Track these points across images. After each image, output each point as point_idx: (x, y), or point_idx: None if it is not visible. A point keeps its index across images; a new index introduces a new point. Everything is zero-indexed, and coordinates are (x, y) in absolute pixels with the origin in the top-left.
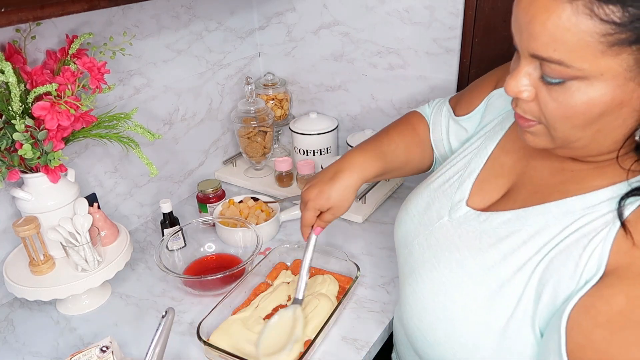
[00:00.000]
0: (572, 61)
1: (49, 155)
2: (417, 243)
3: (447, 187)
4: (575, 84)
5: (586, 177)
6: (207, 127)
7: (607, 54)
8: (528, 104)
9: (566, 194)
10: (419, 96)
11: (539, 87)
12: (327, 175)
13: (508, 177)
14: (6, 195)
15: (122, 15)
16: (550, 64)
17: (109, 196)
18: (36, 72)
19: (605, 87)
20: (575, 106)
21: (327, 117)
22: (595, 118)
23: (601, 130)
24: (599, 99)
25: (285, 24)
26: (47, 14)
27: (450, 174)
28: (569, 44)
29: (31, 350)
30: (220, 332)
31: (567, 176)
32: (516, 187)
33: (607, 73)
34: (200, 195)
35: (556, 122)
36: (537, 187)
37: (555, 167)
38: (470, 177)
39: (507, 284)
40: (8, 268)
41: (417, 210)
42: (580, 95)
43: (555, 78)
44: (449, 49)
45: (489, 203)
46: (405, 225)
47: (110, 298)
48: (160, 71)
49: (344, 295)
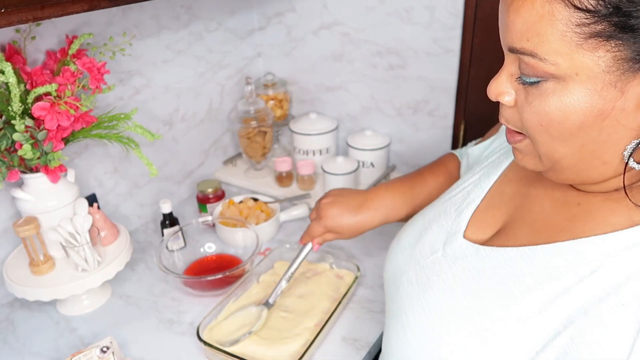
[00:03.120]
0: (545, 53)
1: (49, 155)
2: (405, 280)
3: (444, 218)
4: (550, 85)
5: (597, 213)
6: (207, 127)
7: (582, 48)
8: (510, 112)
9: (577, 233)
10: (419, 96)
11: (519, 91)
12: (352, 203)
13: (506, 208)
14: (6, 195)
15: (122, 16)
16: (524, 57)
17: (109, 196)
18: (36, 73)
19: (582, 90)
20: (549, 112)
21: (327, 117)
22: (573, 129)
23: (585, 146)
24: (575, 105)
25: (285, 24)
26: (47, 14)
27: (448, 205)
28: (543, 33)
29: (31, 351)
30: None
31: (573, 211)
32: (515, 221)
33: (582, 72)
34: (200, 196)
35: (534, 132)
36: (540, 223)
37: (558, 199)
38: (469, 207)
39: (508, 338)
40: (8, 268)
41: (409, 241)
42: (554, 99)
43: (530, 76)
44: (449, 49)
45: (487, 236)
46: (395, 258)
47: (111, 298)
48: (160, 71)
49: (344, 295)
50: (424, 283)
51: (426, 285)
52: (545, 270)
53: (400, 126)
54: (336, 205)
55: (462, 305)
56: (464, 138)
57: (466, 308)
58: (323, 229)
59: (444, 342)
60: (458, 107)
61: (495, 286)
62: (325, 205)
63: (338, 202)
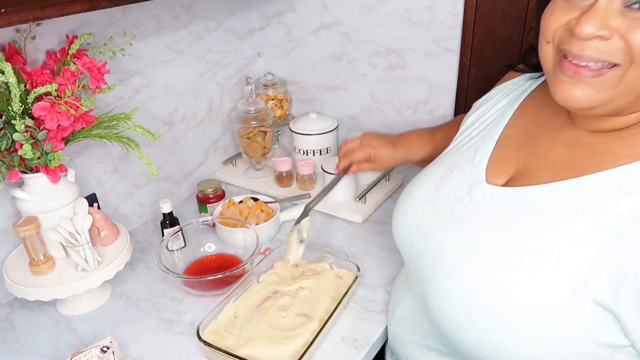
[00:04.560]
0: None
1: (49, 155)
2: (438, 227)
3: (457, 171)
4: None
5: (614, 149)
6: (207, 127)
7: None
8: (605, 43)
9: (601, 166)
10: (418, 96)
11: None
12: (388, 139)
13: (516, 157)
14: (6, 195)
15: (122, 16)
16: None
17: (109, 196)
18: (36, 73)
19: None
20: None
21: (327, 117)
22: None
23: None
24: None
25: (285, 24)
26: (47, 14)
27: (459, 160)
28: None
29: (31, 351)
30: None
31: (590, 150)
32: (531, 166)
33: None
34: (200, 196)
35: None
36: (561, 163)
37: (571, 142)
38: (483, 159)
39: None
40: (8, 268)
41: (427, 196)
42: None
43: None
44: (449, 49)
45: (504, 180)
46: (413, 215)
47: (111, 298)
48: (160, 71)
49: (344, 295)
50: (463, 227)
51: (465, 228)
52: (583, 198)
53: (400, 126)
54: (378, 137)
55: (514, 237)
56: None
57: (518, 239)
58: (365, 155)
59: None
60: (458, 107)
61: (539, 217)
62: (369, 135)
63: (380, 136)
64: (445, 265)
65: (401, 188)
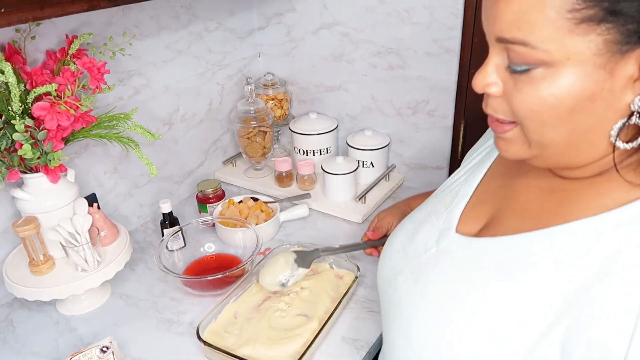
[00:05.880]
0: (537, 41)
1: (49, 155)
2: (402, 279)
3: (434, 217)
4: (540, 72)
5: (584, 196)
6: (207, 127)
7: (574, 33)
8: (497, 101)
9: (568, 216)
10: (418, 96)
11: (506, 79)
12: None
13: (493, 201)
14: (6, 195)
15: (121, 16)
16: (514, 46)
17: (109, 196)
18: (36, 73)
19: (573, 74)
20: (542, 97)
21: (327, 117)
22: (565, 114)
23: (575, 131)
24: (567, 89)
25: (285, 24)
26: (46, 14)
27: (437, 206)
28: (534, 21)
29: (31, 351)
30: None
31: (560, 197)
32: (503, 212)
33: (574, 57)
34: (200, 196)
35: (526, 118)
36: (529, 212)
37: (543, 188)
38: (459, 204)
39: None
40: (8, 268)
41: (402, 243)
42: (546, 85)
43: (521, 64)
44: (449, 49)
45: (477, 229)
46: (389, 262)
47: (110, 298)
48: (160, 71)
49: (344, 295)
50: (422, 278)
51: (424, 280)
52: (540, 254)
53: (400, 126)
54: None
55: (461, 294)
56: (464, 138)
57: (465, 296)
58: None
59: (446, 329)
60: (458, 107)
61: (495, 270)
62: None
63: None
64: (399, 320)
65: (401, 188)
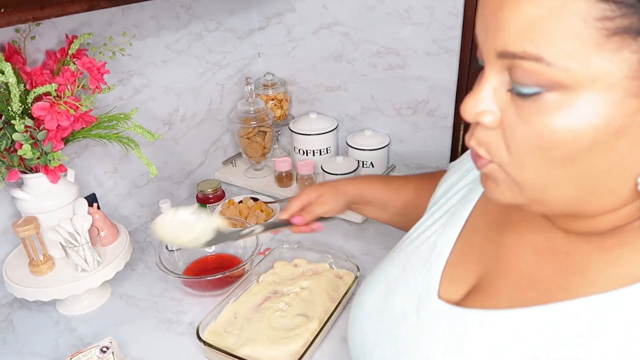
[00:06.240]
0: (554, 57)
1: (49, 155)
2: (378, 354)
3: (410, 274)
4: (553, 98)
5: (592, 264)
6: (207, 127)
7: (603, 49)
8: (488, 134)
9: (573, 290)
10: (418, 96)
11: (506, 107)
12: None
13: (479, 259)
14: (6, 195)
15: (121, 16)
16: (523, 63)
17: (109, 196)
18: (36, 73)
19: (597, 102)
20: (555, 131)
21: (326, 117)
22: (582, 152)
23: (590, 173)
24: (589, 121)
25: (285, 24)
26: (46, 14)
27: (413, 259)
28: (552, 31)
29: (31, 351)
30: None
31: (562, 262)
32: (494, 276)
33: (600, 79)
34: (200, 196)
35: (526, 157)
36: (526, 279)
37: (541, 248)
38: (438, 261)
39: None
40: (8, 268)
41: (374, 305)
42: (562, 114)
43: (530, 86)
44: (449, 49)
45: (462, 292)
46: (361, 328)
47: (110, 298)
48: (160, 71)
49: (344, 295)
50: (402, 356)
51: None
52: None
53: (400, 126)
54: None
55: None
56: (464, 138)
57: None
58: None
59: None
60: (458, 107)
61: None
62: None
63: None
64: None
65: None
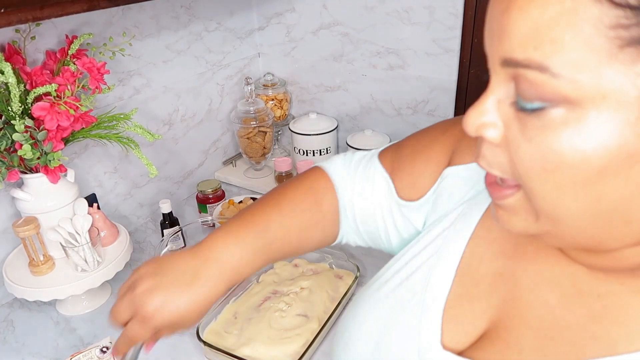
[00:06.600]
0: (561, 67)
1: (49, 155)
2: None
3: (404, 317)
4: (559, 114)
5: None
6: (207, 127)
7: (616, 61)
8: (494, 152)
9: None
10: (418, 96)
11: (510, 121)
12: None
13: (489, 298)
14: (6, 195)
15: (121, 16)
16: (527, 72)
17: (109, 196)
18: (36, 73)
19: (608, 121)
20: (559, 152)
21: (326, 117)
22: (591, 177)
23: (603, 201)
24: (598, 142)
25: (285, 24)
26: (46, 14)
27: (405, 295)
28: (560, 39)
29: (31, 351)
30: None
31: (593, 306)
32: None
33: (612, 96)
34: (200, 196)
35: (532, 179)
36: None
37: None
38: (436, 302)
39: None
40: (8, 268)
41: (364, 351)
42: (568, 134)
43: (533, 100)
44: (448, 49)
45: (471, 339)
46: None
47: (110, 299)
48: (160, 71)
49: (344, 295)
50: None
51: None
52: None
53: (400, 126)
54: (159, 291)
55: None
56: None
57: None
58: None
59: None
60: (458, 107)
61: None
62: (144, 296)
63: (160, 286)
64: None
65: None
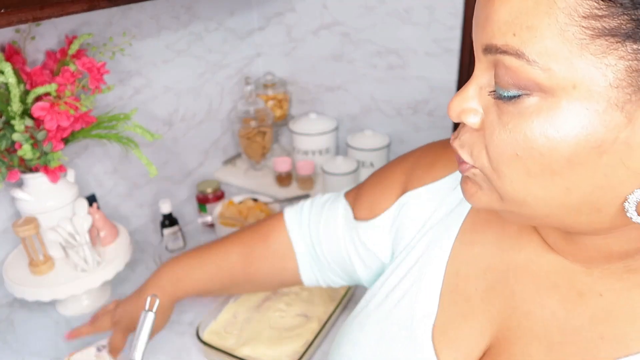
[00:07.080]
0: (535, 53)
1: (49, 155)
2: None
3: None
4: (533, 102)
5: (634, 304)
6: (207, 127)
7: (586, 51)
8: (471, 136)
9: (624, 344)
10: (418, 96)
11: (489, 109)
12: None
13: (485, 315)
14: (6, 195)
15: (121, 16)
16: (505, 58)
17: (109, 196)
18: (36, 73)
19: (578, 111)
20: (531, 138)
21: (326, 117)
22: (560, 165)
23: (572, 189)
24: (567, 130)
25: (285, 24)
26: (46, 14)
27: (391, 328)
28: (536, 26)
29: (31, 351)
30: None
31: (597, 307)
32: (513, 335)
33: (582, 85)
34: (200, 196)
35: (504, 164)
36: (557, 333)
37: (564, 291)
38: (427, 333)
39: None
40: (8, 268)
41: None
42: (539, 121)
43: (509, 87)
44: (448, 49)
45: (474, 357)
46: None
47: (110, 299)
48: (160, 72)
49: (344, 296)
50: None
51: None
52: None
53: (400, 126)
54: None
55: None
56: None
57: None
58: (123, 334)
59: None
60: None
61: None
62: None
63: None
64: None
65: None
